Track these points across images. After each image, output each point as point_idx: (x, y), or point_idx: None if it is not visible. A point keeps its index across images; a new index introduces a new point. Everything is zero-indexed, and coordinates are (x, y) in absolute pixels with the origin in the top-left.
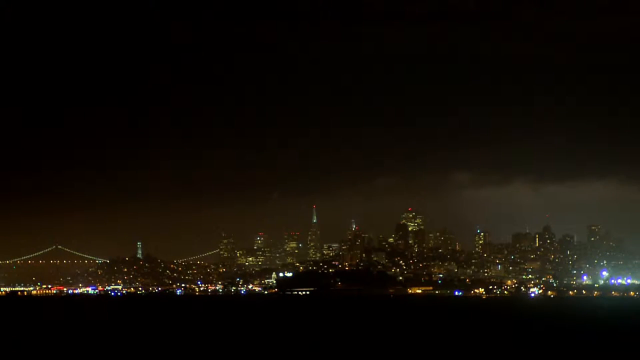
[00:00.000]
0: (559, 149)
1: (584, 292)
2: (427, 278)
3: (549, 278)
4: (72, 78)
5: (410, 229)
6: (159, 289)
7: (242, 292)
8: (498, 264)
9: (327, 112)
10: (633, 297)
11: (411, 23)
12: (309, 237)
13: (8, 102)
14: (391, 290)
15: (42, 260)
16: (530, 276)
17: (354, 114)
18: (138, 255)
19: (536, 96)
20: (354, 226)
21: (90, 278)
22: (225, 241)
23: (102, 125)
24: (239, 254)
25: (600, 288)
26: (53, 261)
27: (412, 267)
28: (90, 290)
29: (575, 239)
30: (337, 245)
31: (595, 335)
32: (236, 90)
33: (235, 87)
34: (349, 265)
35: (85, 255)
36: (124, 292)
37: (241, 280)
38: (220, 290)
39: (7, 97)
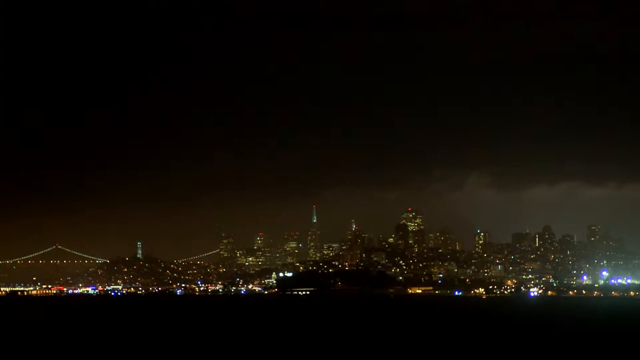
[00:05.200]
0: (559, 150)
1: (584, 292)
2: (427, 278)
3: (549, 278)
4: (71, 78)
5: (410, 229)
6: (159, 289)
7: (242, 292)
8: (498, 264)
9: (327, 112)
10: (633, 297)
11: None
12: (309, 237)
13: (8, 102)
14: (391, 291)
15: (42, 260)
16: (530, 276)
17: (354, 114)
18: (138, 255)
19: (536, 97)
20: (354, 226)
21: (90, 278)
22: (225, 241)
23: (102, 126)
24: (239, 254)
25: (600, 288)
26: (53, 261)
27: (412, 267)
28: (90, 290)
29: (575, 239)
30: (337, 245)
31: (595, 336)
32: (236, 90)
33: (236, 87)
34: (349, 265)
35: (85, 255)
36: (124, 292)
37: (241, 280)
38: (220, 290)
39: (7, 96)
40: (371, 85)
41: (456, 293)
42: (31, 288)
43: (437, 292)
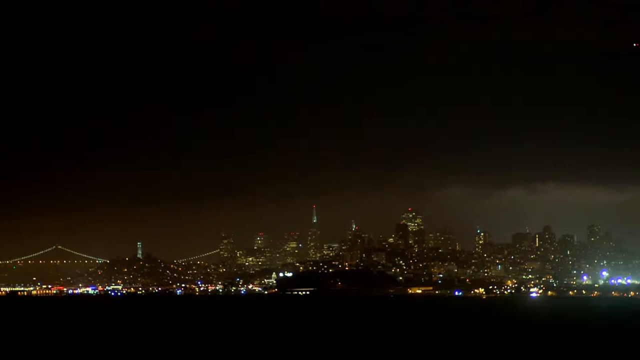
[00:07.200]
0: (560, 150)
1: (584, 292)
2: (427, 278)
3: (549, 278)
4: (71, 78)
5: (410, 229)
6: (159, 289)
7: (242, 292)
8: (498, 264)
9: (327, 112)
10: (633, 297)
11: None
12: (309, 237)
13: (8, 102)
14: (391, 291)
15: (42, 260)
16: (530, 276)
17: (354, 114)
18: (138, 255)
19: (535, 97)
20: (354, 226)
21: (90, 278)
22: (225, 241)
23: (102, 125)
24: (239, 254)
25: (600, 288)
26: (53, 261)
27: (412, 267)
28: (90, 290)
29: (575, 239)
30: (337, 245)
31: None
32: (236, 90)
33: (235, 87)
34: (349, 266)
35: (85, 255)
36: (124, 292)
37: (241, 280)
38: (220, 290)
39: (7, 96)
40: (371, 85)
41: (456, 293)
42: (31, 288)
43: (437, 292)
